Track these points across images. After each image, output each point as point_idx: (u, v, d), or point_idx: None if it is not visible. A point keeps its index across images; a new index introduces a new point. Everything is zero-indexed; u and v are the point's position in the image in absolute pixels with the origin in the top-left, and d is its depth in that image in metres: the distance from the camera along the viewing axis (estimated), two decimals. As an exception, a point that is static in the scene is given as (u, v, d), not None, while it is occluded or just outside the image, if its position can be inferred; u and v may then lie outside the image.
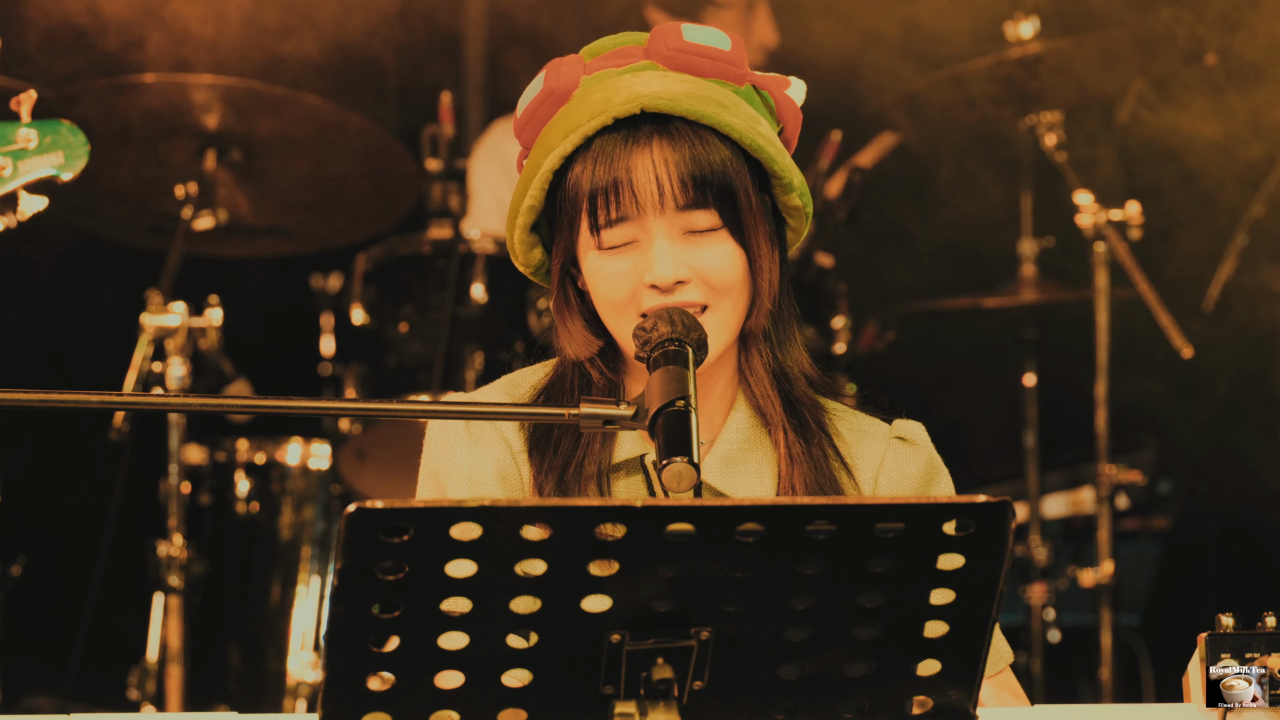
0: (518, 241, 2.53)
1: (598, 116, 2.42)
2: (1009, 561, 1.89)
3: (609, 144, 2.42)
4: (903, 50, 5.56)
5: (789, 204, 2.50)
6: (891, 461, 2.58)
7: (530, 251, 2.55)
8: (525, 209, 2.49)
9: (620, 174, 2.41)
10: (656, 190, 2.41)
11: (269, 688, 4.80)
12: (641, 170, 2.41)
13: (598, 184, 2.42)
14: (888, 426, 2.61)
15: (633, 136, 2.42)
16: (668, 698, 1.88)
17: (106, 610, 5.00)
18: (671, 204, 2.41)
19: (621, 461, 2.50)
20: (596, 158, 2.43)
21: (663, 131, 2.42)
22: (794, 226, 2.54)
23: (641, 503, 1.82)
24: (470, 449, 2.51)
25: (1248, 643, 2.20)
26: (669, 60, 2.47)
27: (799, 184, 2.48)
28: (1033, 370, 5.48)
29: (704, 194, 2.42)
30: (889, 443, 2.59)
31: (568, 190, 2.45)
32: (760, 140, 2.44)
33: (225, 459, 4.89)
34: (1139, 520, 5.83)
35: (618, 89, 2.44)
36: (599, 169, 2.42)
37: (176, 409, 4.53)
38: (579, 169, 2.44)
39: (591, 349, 2.52)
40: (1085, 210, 4.96)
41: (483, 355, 4.70)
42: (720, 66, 2.47)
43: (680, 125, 2.43)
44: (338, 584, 1.82)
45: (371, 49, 5.92)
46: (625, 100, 2.42)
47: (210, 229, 4.88)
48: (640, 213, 2.42)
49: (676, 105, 2.42)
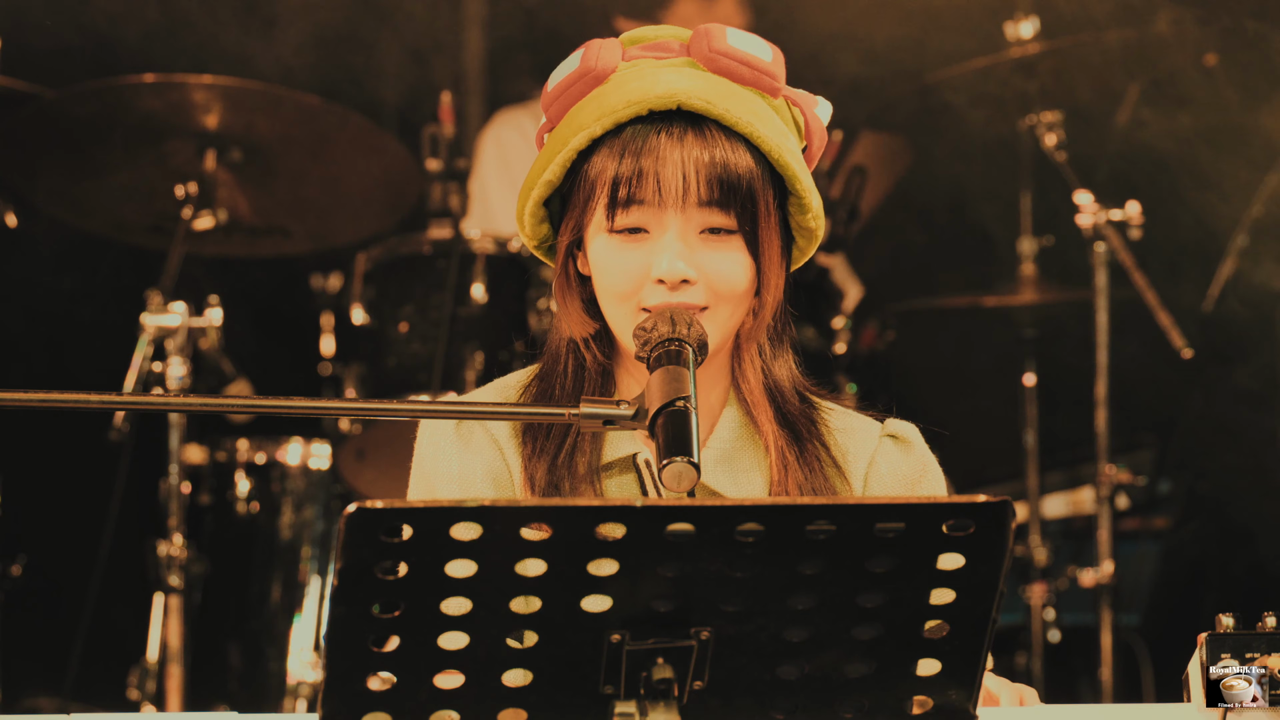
0: (528, 214, 2.52)
1: (634, 105, 2.43)
2: (1009, 561, 1.89)
3: (641, 133, 2.43)
4: (903, 50, 5.56)
5: (802, 224, 2.50)
6: (882, 459, 2.59)
7: (538, 225, 2.55)
8: (543, 182, 2.49)
9: (647, 164, 2.41)
10: (681, 185, 2.41)
11: (269, 688, 4.81)
12: (671, 164, 2.41)
13: (624, 169, 2.42)
14: (879, 425, 2.62)
15: (666, 129, 2.43)
16: (668, 698, 1.89)
17: (106, 610, 5.00)
18: (694, 200, 2.42)
19: (612, 460, 2.50)
20: (626, 144, 2.43)
21: (696, 130, 2.43)
22: (801, 247, 2.54)
23: (642, 503, 1.82)
24: (460, 450, 2.51)
25: (1248, 643, 2.20)
26: (709, 61, 2.47)
27: (816, 206, 2.49)
28: (1033, 370, 5.48)
29: (727, 198, 2.42)
30: (880, 441, 2.60)
31: (590, 171, 2.45)
32: (787, 156, 2.44)
33: (225, 459, 4.90)
34: (1139, 520, 5.83)
35: (657, 81, 2.44)
36: (627, 155, 2.42)
37: (176, 409, 4.53)
38: (606, 152, 2.44)
39: (588, 330, 2.53)
40: (1085, 210, 4.96)
41: (482, 355, 4.70)
42: (758, 76, 2.47)
43: (713, 128, 2.43)
44: (338, 584, 1.82)
45: (372, 49, 5.92)
46: (664, 94, 2.43)
47: (210, 229, 4.88)
48: (660, 204, 2.42)
49: (713, 107, 2.42)
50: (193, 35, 5.32)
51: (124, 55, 5.15)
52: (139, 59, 5.07)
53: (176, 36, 5.29)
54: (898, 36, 5.51)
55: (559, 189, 2.51)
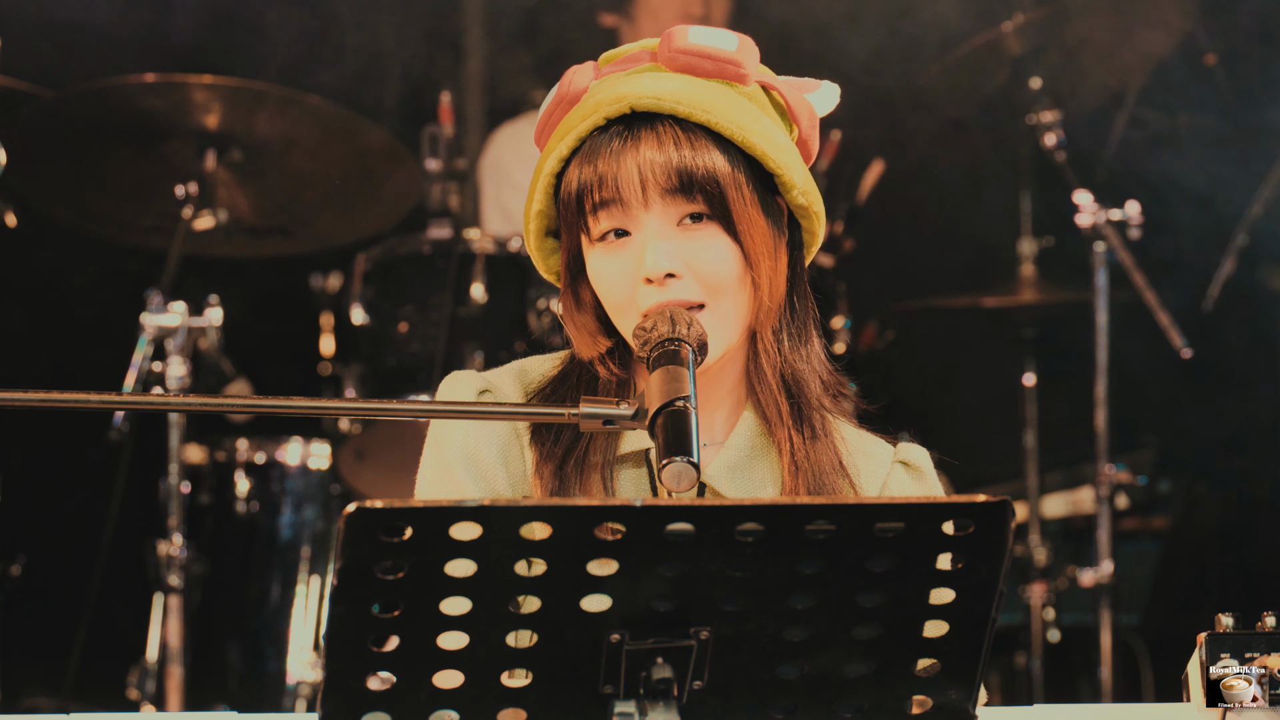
0: (534, 248, 2.55)
1: (590, 117, 2.45)
2: (1009, 561, 1.89)
3: (599, 142, 2.44)
4: (902, 49, 5.56)
5: (793, 202, 2.50)
6: (894, 485, 2.57)
7: (549, 258, 2.57)
8: (535, 214, 2.51)
9: (604, 168, 2.43)
10: (638, 181, 2.42)
11: (269, 687, 4.81)
12: (625, 164, 2.43)
13: (585, 180, 2.44)
14: (891, 449, 2.61)
15: (619, 135, 2.44)
16: (667, 697, 1.88)
17: (106, 610, 5.00)
18: (656, 193, 2.42)
19: (628, 453, 2.50)
20: (585, 156, 2.45)
21: (649, 129, 2.44)
22: (807, 227, 2.54)
23: (641, 502, 1.82)
24: (476, 426, 2.52)
25: (1247, 642, 2.20)
26: (670, 62, 2.49)
27: (800, 182, 2.48)
28: (1032, 370, 5.48)
29: (688, 186, 2.43)
30: (892, 466, 2.59)
31: (564, 190, 2.47)
32: (753, 137, 2.44)
33: (225, 459, 4.90)
34: (1139, 520, 5.83)
35: (612, 90, 2.46)
36: (586, 166, 2.44)
37: (176, 409, 4.53)
38: (573, 168, 2.46)
39: (599, 348, 2.53)
40: (1085, 210, 4.96)
41: (482, 355, 4.70)
42: (721, 66, 2.48)
43: (668, 124, 2.44)
44: (337, 584, 1.82)
45: (372, 48, 5.92)
46: (614, 100, 2.45)
47: (210, 229, 4.88)
48: (624, 204, 2.43)
49: (662, 103, 2.44)
50: (193, 35, 5.33)
51: (124, 55, 5.15)
52: (139, 59, 5.07)
53: (177, 36, 5.29)
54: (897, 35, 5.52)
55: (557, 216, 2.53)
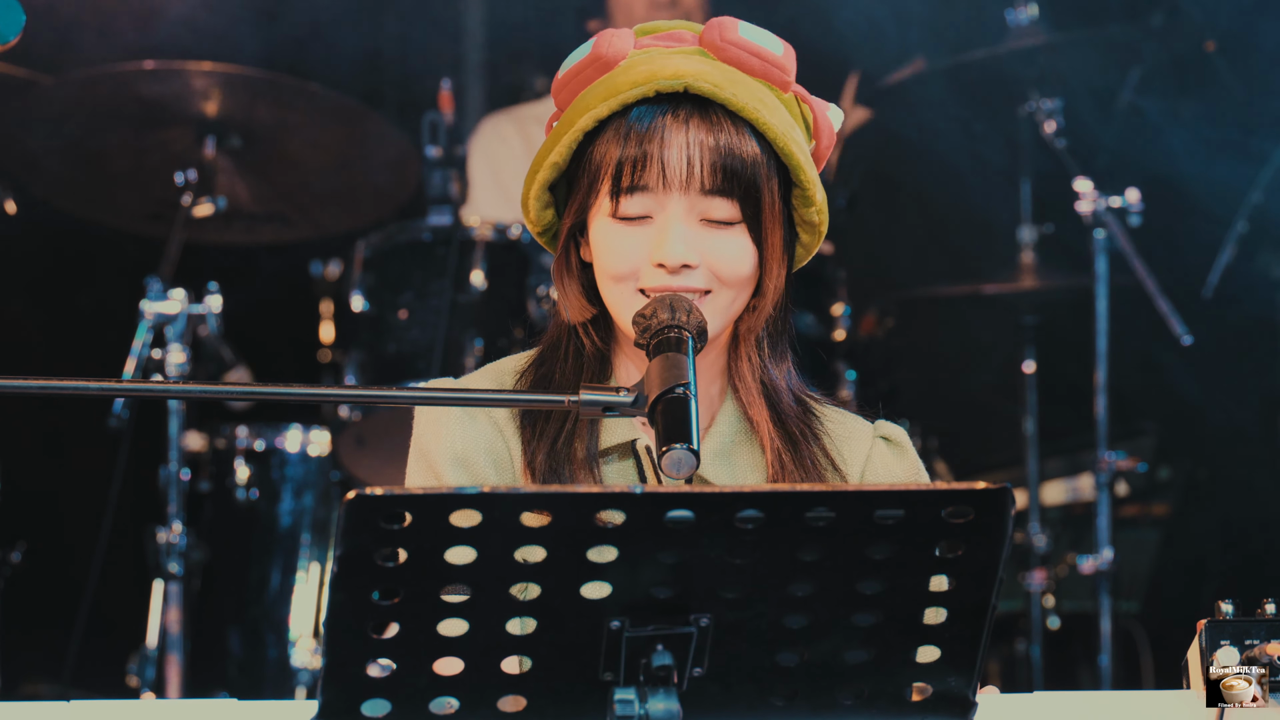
0: (533, 197, 2.52)
1: (640, 86, 2.43)
2: (1008, 548, 1.89)
3: (646, 115, 2.43)
4: (902, 36, 5.56)
5: (805, 217, 2.50)
6: (877, 460, 2.59)
7: (543, 210, 2.54)
8: (549, 165, 2.48)
9: (652, 147, 2.41)
10: (685, 169, 2.41)
11: (269, 674, 4.81)
12: (675, 147, 2.41)
13: (628, 152, 2.42)
14: (871, 426, 2.62)
15: (672, 111, 2.43)
16: (667, 684, 1.88)
17: (106, 597, 5.00)
18: (697, 186, 2.41)
19: (611, 446, 2.50)
20: (631, 127, 2.43)
21: (702, 114, 2.43)
22: (805, 242, 2.54)
23: (642, 489, 1.82)
24: (462, 428, 2.50)
25: (1247, 629, 2.20)
26: (719, 51, 2.48)
27: (820, 201, 2.48)
28: (1032, 357, 5.48)
29: (730, 184, 2.42)
30: (874, 442, 2.60)
31: (595, 153, 2.45)
32: (792, 146, 2.44)
33: (225, 446, 4.90)
34: (1138, 507, 5.83)
35: (665, 65, 2.44)
36: (631, 138, 2.42)
37: (176, 396, 4.54)
38: (611, 133, 2.44)
39: (586, 315, 2.52)
40: (1085, 197, 4.96)
41: (482, 342, 4.70)
42: (768, 68, 2.48)
43: (720, 112, 2.43)
44: (337, 571, 1.82)
45: (371, 35, 5.92)
46: (671, 75, 2.43)
47: (210, 216, 4.87)
48: (665, 189, 2.42)
49: (720, 90, 2.42)
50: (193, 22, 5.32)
51: (123, 42, 5.15)
52: (138, 45, 5.07)
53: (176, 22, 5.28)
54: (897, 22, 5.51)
55: (565, 173, 2.50)
